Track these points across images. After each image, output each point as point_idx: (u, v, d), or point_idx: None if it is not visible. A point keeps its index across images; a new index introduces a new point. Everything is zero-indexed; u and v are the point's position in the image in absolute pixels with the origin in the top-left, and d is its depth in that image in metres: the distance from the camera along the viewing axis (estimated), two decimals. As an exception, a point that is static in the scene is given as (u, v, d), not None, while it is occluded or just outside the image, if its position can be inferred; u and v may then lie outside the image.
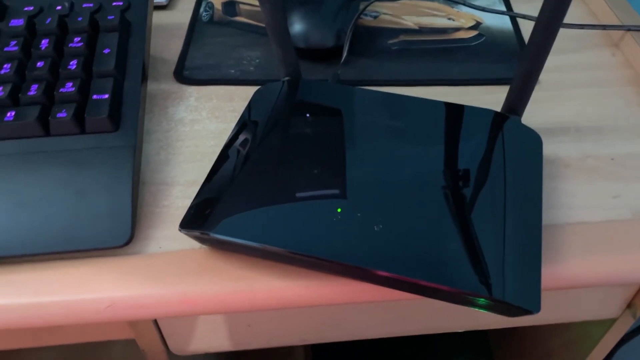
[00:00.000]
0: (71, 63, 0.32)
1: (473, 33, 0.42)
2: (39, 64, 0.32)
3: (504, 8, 0.45)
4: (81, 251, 0.28)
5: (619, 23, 0.41)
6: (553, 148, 0.34)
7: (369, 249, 0.25)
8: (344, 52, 0.39)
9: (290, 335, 0.37)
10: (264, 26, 0.32)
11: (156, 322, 0.34)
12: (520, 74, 0.30)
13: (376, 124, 0.31)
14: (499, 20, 0.44)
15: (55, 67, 0.32)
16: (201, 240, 0.28)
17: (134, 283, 0.27)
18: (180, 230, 0.27)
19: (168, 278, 0.28)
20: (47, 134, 0.31)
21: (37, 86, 0.31)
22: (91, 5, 0.36)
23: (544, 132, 0.33)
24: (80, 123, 0.31)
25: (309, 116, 0.32)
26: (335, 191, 0.27)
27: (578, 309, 0.37)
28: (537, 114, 0.35)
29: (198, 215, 0.28)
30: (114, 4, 0.36)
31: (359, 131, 0.31)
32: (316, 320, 0.36)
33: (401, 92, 0.33)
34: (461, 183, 0.28)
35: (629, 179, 0.32)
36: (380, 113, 0.32)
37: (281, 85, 0.34)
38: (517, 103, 0.31)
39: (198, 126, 0.35)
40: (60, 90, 0.31)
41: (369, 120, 0.31)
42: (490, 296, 0.24)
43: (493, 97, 0.35)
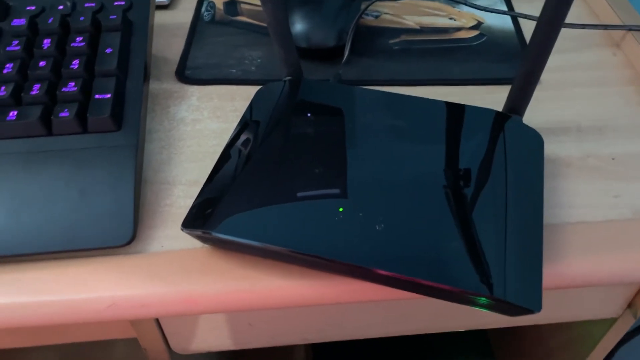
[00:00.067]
0: (73, 62, 0.32)
1: (474, 33, 0.42)
2: (42, 64, 0.32)
3: (505, 8, 0.45)
4: (83, 250, 0.28)
5: (620, 23, 0.41)
6: (554, 147, 0.34)
7: (371, 248, 0.25)
8: (346, 52, 0.39)
9: (291, 334, 0.37)
10: (266, 26, 0.32)
11: (158, 321, 0.34)
12: (521, 74, 0.30)
13: (377, 124, 0.31)
14: (500, 20, 0.44)
15: (57, 67, 0.32)
16: (203, 239, 0.28)
17: (136, 282, 0.28)
18: (182, 229, 0.28)
19: (170, 277, 0.28)
20: (50, 134, 0.31)
21: (40, 85, 0.31)
22: (93, 4, 0.36)
23: (545, 132, 0.33)
24: (82, 122, 0.31)
25: (311, 116, 0.32)
26: (336, 190, 0.27)
27: (579, 309, 0.38)
28: (539, 114, 0.35)
29: (200, 214, 0.28)
30: (116, 4, 0.36)
31: (361, 131, 0.31)
32: (317, 319, 0.36)
33: (402, 92, 0.33)
34: (462, 182, 0.28)
35: (630, 179, 0.32)
36: (381, 113, 0.32)
37: (283, 84, 0.34)
38: (519, 103, 0.31)
39: (200, 126, 0.35)
40: (62, 89, 0.31)
41: (371, 119, 0.31)
42: (491, 295, 0.24)
43: (494, 97, 0.35)
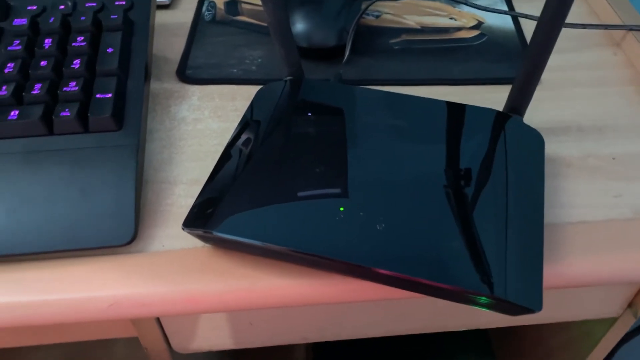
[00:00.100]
0: (74, 62, 0.32)
1: (475, 33, 0.43)
2: (43, 63, 0.32)
3: (506, 8, 0.45)
4: (84, 249, 0.28)
5: (621, 23, 0.41)
6: (555, 147, 0.34)
7: (372, 248, 0.25)
8: (346, 52, 0.39)
9: (291, 333, 0.37)
10: (267, 25, 0.32)
11: (159, 320, 0.34)
12: (522, 74, 0.30)
13: (378, 123, 0.31)
14: (501, 19, 0.44)
15: (58, 66, 0.33)
16: (204, 238, 0.28)
17: (137, 281, 0.28)
18: (183, 228, 0.28)
19: (171, 276, 0.28)
20: (51, 133, 0.31)
21: (41, 85, 0.31)
22: (94, 4, 0.36)
23: (546, 132, 0.33)
24: (83, 122, 0.31)
25: (311, 115, 0.32)
26: (337, 190, 0.28)
27: (579, 308, 0.38)
28: (539, 114, 0.35)
29: (201, 213, 0.28)
30: (117, 3, 0.36)
31: (361, 130, 0.31)
32: (318, 318, 0.36)
33: (403, 92, 0.33)
34: (463, 182, 0.28)
35: (631, 178, 0.32)
36: (382, 112, 0.32)
37: (283, 84, 0.34)
38: (519, 102, 0.31)
39: (200, 125, 0.35)
40: (63, 89, 0.31)
41: (371, 119, 0.31)
42: (492, 295, 0.24)
43: (495, 97, 0.35)
